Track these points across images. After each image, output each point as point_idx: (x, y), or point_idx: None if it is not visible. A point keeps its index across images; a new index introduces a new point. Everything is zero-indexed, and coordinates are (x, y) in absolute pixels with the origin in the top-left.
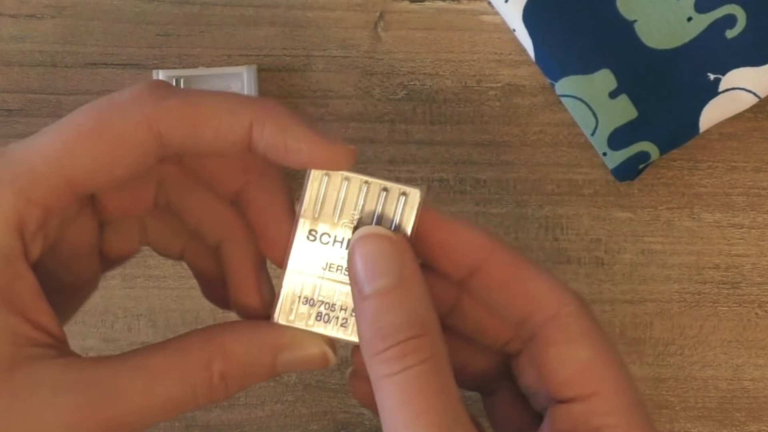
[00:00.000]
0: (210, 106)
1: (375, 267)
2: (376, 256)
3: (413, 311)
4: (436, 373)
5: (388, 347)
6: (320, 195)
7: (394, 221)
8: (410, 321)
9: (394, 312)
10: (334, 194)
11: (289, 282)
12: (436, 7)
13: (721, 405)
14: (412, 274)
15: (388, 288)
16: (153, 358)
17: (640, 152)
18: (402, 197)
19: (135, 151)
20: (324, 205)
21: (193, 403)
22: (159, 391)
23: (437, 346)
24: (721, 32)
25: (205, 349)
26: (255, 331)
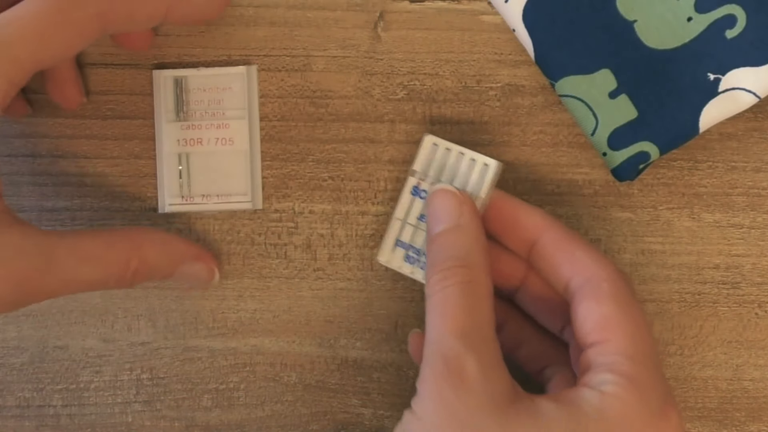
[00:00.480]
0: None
1: (440, 214)
2: (442, 206)
3: (462, 249)
4: (466, 294)
5: (438, 271)
6: (427, 160)
7: (477, 184)
8: (456, 255)
9: (447, 249)
10: (437, 160)
11: (392, 227)
12: (436, 7)
13: (721, 405)
14: (467, 222)
15: (446, 231)
16: (84, 244)
17: (640, 152)
18: (485, 167)
19: (87, 38)
20: (429, 168)
21: (103, 286)
22: (83, 272)
23: (475, 277)
24: (721, 32)
25: (127, 249)
26: (168, 243)
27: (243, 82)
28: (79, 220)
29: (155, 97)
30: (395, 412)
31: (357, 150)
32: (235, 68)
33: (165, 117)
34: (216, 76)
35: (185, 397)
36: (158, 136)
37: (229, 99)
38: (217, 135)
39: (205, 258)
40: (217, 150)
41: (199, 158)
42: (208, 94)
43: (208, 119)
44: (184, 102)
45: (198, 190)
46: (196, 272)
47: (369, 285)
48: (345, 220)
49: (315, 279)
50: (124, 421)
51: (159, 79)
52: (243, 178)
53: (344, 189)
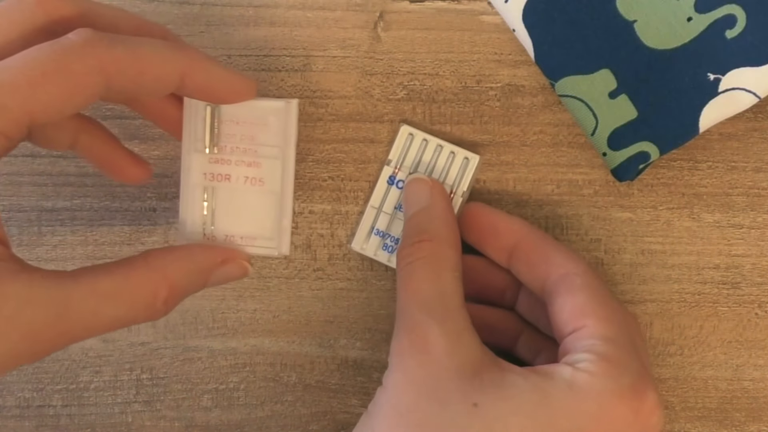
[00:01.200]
0: (151, 54)
1: (412, 200)
2: (413, 192)
3: (427, 225)
4: (429, 266)
5: (404, 246)
6: (403, 150)
7: (457, 177)
8: (421, 230)
9: (416, 226)
10: (414, 151)
11: (367, 216)
12: (436, 7)
13: (721, 405)
14: (435, 202)
15: (416, 212)
16: (101, 282)
17: (640, 152)
18: (465, 160)
19: (87, 93)
20: (405, 158)
21: (132, 321)
22: (106, 311)
23: (440, 249)
24: (721, 32)
25: (152, 279)
26: (193, 258)
27: (280, 117)
28: (79, 220)
29: (185, 123)
30: None
31: (357, 150)
32: (273, 101)
33: (193, 146)
34: (251, 108)
35: (185, 397)
36: (185, 165)
37: (264, 135)
38: (247, 173)
39: (233, 256)
40: (246, 189)
41: (225, 195)
42: (241, 128)
43: (239, 155)
44: (216, 133)
45: (221, 229)
46: (229, 275)
47: (369, 285)
48: (345, 220)
49: (315, 279)
50: (124, 421)
51: (190, 106)
52: (270, 221)
53: (344, 189)
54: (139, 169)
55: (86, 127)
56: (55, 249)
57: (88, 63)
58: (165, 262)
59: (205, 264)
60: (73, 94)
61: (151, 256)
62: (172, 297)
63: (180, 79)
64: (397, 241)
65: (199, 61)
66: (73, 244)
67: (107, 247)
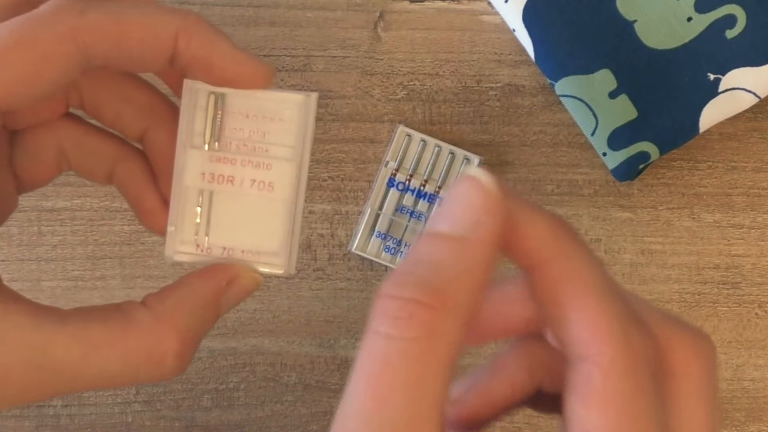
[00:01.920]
0: (135, 15)
1: (452, 210)
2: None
3: (445, 276)
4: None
5: (392, 296)
6: (402, 151)
7: (456, 179)
8: (432, 283)
9: (429, 263)
10: (412, 152)
11: (368, 217)
12: (436, 7)
13: (721, 405)
14: (480, 239)
15: (446, 236)
16: (92, 327)
17: (640, 152)
18: (465, 160)
19: (59, 66)
20: (405, 159)
21: (131, 380)
22: (94, 365)
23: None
24: (721, 32)
25: (154, 329)
26: (193, 291)
27: (297, 113)
28: (79, 220)
29: (182, 112)
30: None
31: (357, 150)
32: (290, 93)
33: (190, 140)
34: (264, 99)
35: (185, 397)
36: (178, 163)
37: (277, 133)
38: (254, 176)
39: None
40: (251, 194)
41: (225, 200)
42: (251, 123)
43: (246, 154)
44: (219, 126)
45: (218, 240)
46: (240, 294)
47: (369, 285)
48: (345, 220)
49: (315, 279)
50: (124, 421)
51: (190, 91)
52: (278, 234)
53: (344, 189)
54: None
55: (125, 156)
56: (55, 249)
57: (56, 30)
58: (167, 309)
59: (209, 293)
60: (42, 68)
61: (150, 302)
62: (186, 348)
63: (173, 45)
64: (399, 243)
65: (199, 27)
66: (73, 244)
67: (107, 247)
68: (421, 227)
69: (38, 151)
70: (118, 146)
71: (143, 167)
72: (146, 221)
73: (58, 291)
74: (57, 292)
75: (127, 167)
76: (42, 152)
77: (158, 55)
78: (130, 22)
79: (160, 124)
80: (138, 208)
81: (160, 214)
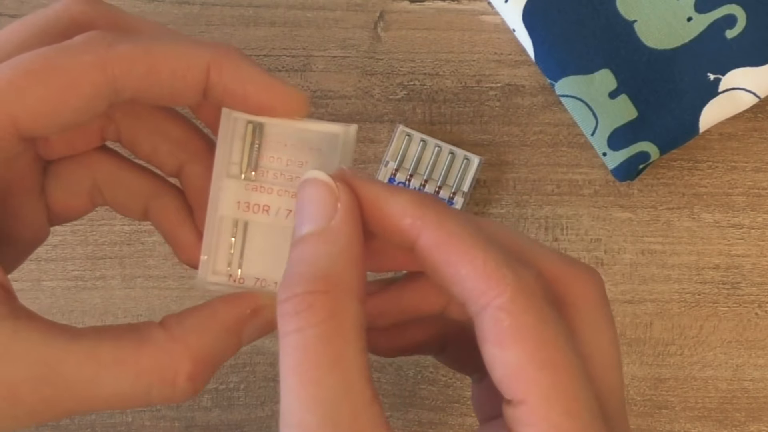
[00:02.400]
0: (165, 47)
1: (307, 212)
2: (310, 200)
3: (326, 264)
4: (330, 339)
5: (288, 298)
6: (401, 151)
7: (458, 177)
8: (317, 273)
9: (307, 261)
10: (412, 152)
11: None
12: (436, 7)
13: (721, 405)
14: (339, 226)
15: (310, 235)
16: (104, 346)
17: (640, 152)
18: (465, 160)
19: (86, 95)
20: (405, 159)
21: (144, 401)
22: (106, 384)
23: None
24: (721, 32)
25: (168, 349)
26: (215, 315)
27: (336, 144)
28: (79, 220)
29: (219, 141)
30: (395, 412)
31: (357, 150)
32: (329, 125)
33: (226, 169)
34: (302, 129)
35: None
36: (213, 191)
37: (316, 163)
38: (291, 205)
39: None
40: (287, 225)
41: (260, 230)
42: (290, 152)
43: (283, 184)
44: (256, 155)
45: (251, 270)
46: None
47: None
48: None
49: None
50: (124, 421)
51: (228, 120)
52: None
53: None
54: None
55: (159, 192)
56: (55, 249)
57: (84, 59)
58: (185, 329)
59: (231, 321)
60: (67, 96)
61: (168, 322)
62: (199, 372)
63: (205, 78)
64: None
65: (230, 57)
66: (73, 244)
67: (107, 247)
68: None
69: (72, 184)
70: (153, 182)
71: (178, 204)
72: (182, 256)
73: (58, 291)
74: (57, 292)
75: (162, 203)
76: (76, 185)
77: (190, 88)
78: (161, 54)
79: (197, 159)
80: (174, 243)
81: (196, 249)
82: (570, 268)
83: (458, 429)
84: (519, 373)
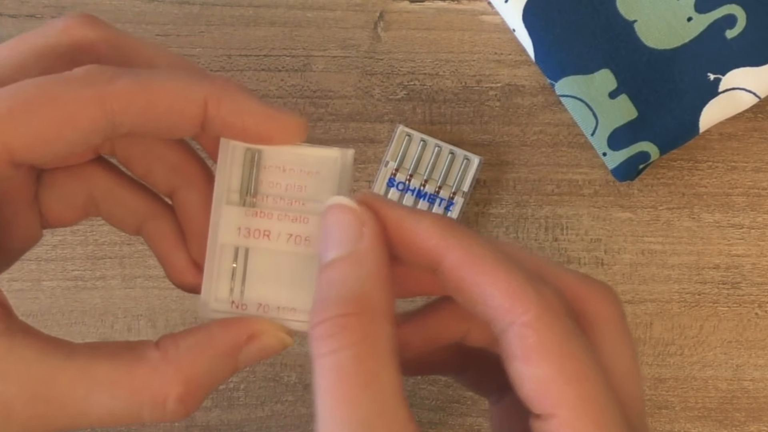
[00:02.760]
0: (163, 83)
1: (333, 237)
2: (336, 226)
3: (356, 287)
4: (364, 360)
5: (321, 322)
6: (402, 151)
7: (458, 178)
8: (347, 297)
9: (336, 285)
10: (412, 152)
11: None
12: (436, 7)
13: (721, 405)
14: (367, 249)
15: (339, 260)
16: (99, 364)
17: (640, 152)
18: (465, 160)
19: (83, 129)
20: (405, 159)
21: (136, 420)
22: (99, 402)
23: (374, 328)
24: (721, 32)
25: (160, 371)
26: (211, 339)
27: (334, 168)
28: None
29: (218, 169)
30: None
31: (357, 150)
32: (325, 150)
33: (226, 197)
34: (299, 155)
35: None
36: (213, 220)
37: (314, 187)
38: (291, 230)
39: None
40: (288, 249)
41: (261, 255)
42: (288, 177)
43: (283, 208)
44: (255, 182)
45: (254, 296)
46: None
47: None
48: None
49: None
50: None
51: (226, 148)
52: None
53: None
54: (196, 277)
55: (155, 214)
56: (55, 249)
57: (82, 93)
58: (179, 351)
59: (227, 345)
60: (63, 129)
61: (163, 343)
62: (190, 394)
63: (203, 112)
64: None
65: (227, 91)
66: (73, 244)
67: (107, 247)
68: None
69: (67, 195)
70: (149, 202)
71: (173, 227)
72: (174, 278)
73: (58, 291)
74: (57, 292)
75: (156, 225)
76: (71, 197)
77: (188, 123)
78: (159, 89)
79: (190, 185)
80: (165, 265)
81: (187, 274)
82: (588, 286)
83: (458, 429)
84: (547, 388)
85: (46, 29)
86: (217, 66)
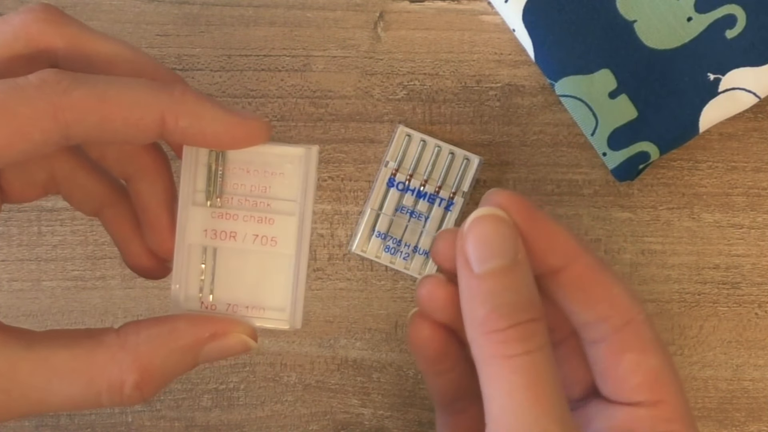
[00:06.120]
0: (119, 95)
1: (491, 247)
2: (492, 236)
3: (531, 293)
4: (551, 362)
5: (510, 326)
6: (401, 151)
7: (458, 178)
8: (529, 303)
9: (512, 292)
10: (412, 152)
11: (368, 217)
12: (436, 7)
13: (721, 405)
14: (524, 259)
15: (505, 268)
16: (58, 354)
17: (640, 152)
18: (465, 160)
19: (34, 140)
20: (405, 159)
21: (95, 405)
22: (59, 390)
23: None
24: (721, 32)
25: (117, 358)
26: (174, 332)
27: (299, 167)
28: (79, 220)
29: (183, 170)
30: (395, 412)
31: (357, 150)
32: (289, 147)
33: (192, 198)
34: (264, 154)
35: (185, 397)
36: (180, 222)
37: (279, 187)
38: (257, 230)
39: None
40: (254, 249)
41: (229, 256)
42: (253, 177)
43: (248, 209)
44: (220, 183)
45: (223, 296)
46: (223, 350)
47: (369, 285)
48: (345, 220)
49: (315, 279)
50: (124, 421)
51: (191, 150)
52: (282, 289)
53: (344, 189)
54: (151, 263)
55: (113, 200)
56: (55, 249)
57: (36, 107)
58: (139, 340)
59: (189, 340)
60: (15, 141)
61: (126, 332)
62: (146, 382)
63: (160, 125)
64: (399, 243)
65: (185, 103)
66: (73, 244)
67: (107, 247)
68: (421, 227)
69: (28, 173)
70: (108, 188)
71: (130, 214)
72: (129, 262)
73: (58, 291)
74: (57, 292)
75: (114, 211)
76: (32, 175)
77: (144, 135)
78: (114, 103)
79: (144, 175)
80: (122, 249)
81: (143, 258)
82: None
83: None
84: (660, 377)
85: (3, 25)
86: (217, 66)
